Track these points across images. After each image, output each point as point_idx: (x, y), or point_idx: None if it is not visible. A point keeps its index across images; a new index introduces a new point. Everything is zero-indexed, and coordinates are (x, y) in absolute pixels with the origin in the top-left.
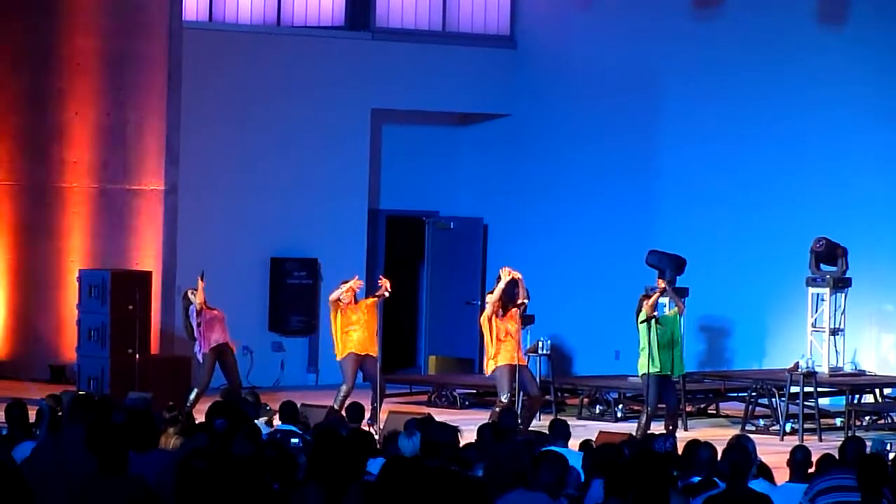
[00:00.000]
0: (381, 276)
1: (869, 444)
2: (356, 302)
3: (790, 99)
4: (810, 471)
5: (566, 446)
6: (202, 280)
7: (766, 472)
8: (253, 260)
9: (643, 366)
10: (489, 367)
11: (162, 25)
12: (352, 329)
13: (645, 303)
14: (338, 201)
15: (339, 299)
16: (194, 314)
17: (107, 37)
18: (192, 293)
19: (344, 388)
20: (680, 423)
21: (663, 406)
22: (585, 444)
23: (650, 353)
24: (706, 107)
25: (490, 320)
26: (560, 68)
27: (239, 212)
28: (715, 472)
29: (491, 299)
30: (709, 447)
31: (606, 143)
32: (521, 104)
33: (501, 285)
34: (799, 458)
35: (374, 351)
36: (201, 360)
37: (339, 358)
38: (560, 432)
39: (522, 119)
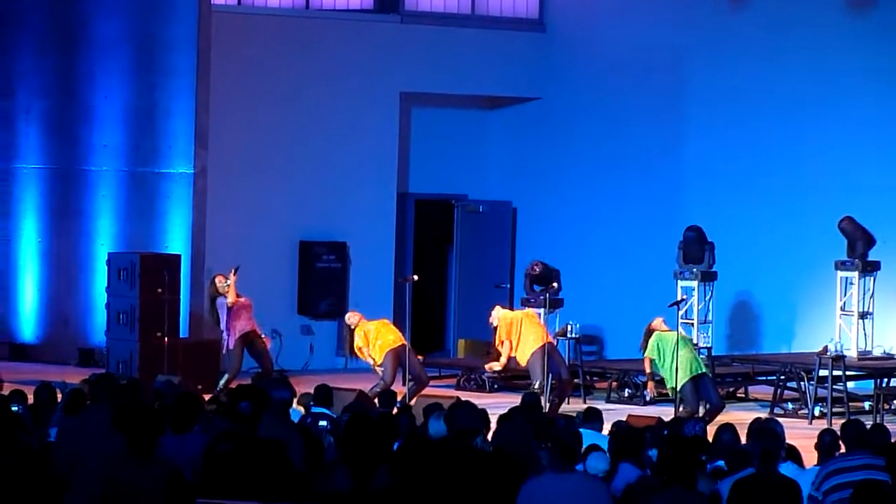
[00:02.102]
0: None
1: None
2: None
3: (818, 82)
4: (839, 454)
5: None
6: (235, 275)
7: (794, 456)
8: (282, 243)
9: (671, 379)
10: (522, 359)
11: (191, 8)
12: (380, 333)
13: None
14: (367, 185)
15: (353, 329)
16: (224, 307)
17: (135, 19)
18: (221, 281)
19: (382, 383)
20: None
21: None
22: (616, 426)
23: (674, 364)
24: (734, 89)
25: (509, 340)
26: (589, 51)
27: (268, 195)
28: (737, 455)
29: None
30: (730, 430)
31: (635, 126)
32: (549, 87)
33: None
34: (827, 441)
35: (404, 341)
36: (230, 349)
37: (378, 366)
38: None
39: (551, 102)
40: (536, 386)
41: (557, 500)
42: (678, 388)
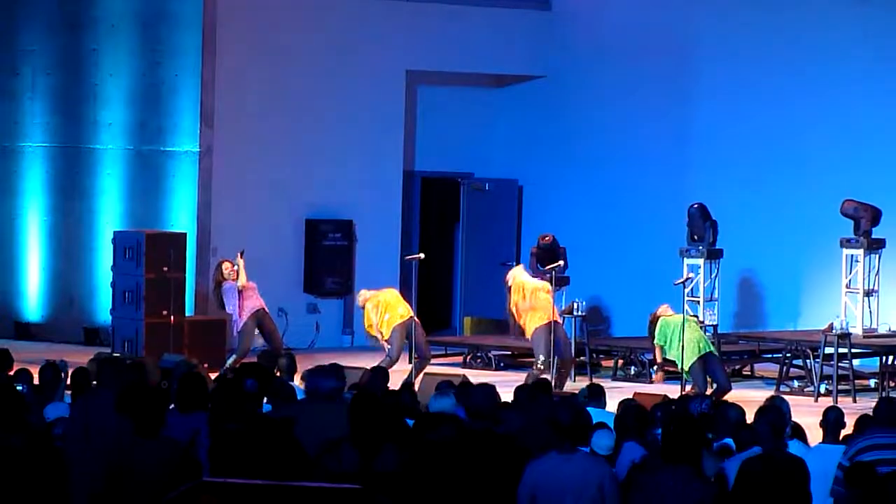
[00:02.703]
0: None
1: None
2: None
3: (825, 59)
4: (843, 431)
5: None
6: (242, 258)
7: (800, 434)
8: (288, 221)
9: (678, 359)
10: (529, 331)
11: None
12: (389, 306)
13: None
14: (373, 163)
15: (364, 307)
16: (229, 292)
17: None
18: (228, 267)
19: (388, 359)
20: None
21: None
22: (623, 404)
23: (681, 345)
24: (741, 67)
25: (516, 306)
26: (595, 29)
27: (274, 173)
28: (743, 433)
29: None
30: (736, 408)
31: (641, 104)
32: (556, 65)
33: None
34: (831, 418)
35: (412, 313)
36: (240, 328)
37: (385, 341)
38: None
39: (557, 80)
40: (540, 361)
41: (561, 480)
42: (687, 369)
